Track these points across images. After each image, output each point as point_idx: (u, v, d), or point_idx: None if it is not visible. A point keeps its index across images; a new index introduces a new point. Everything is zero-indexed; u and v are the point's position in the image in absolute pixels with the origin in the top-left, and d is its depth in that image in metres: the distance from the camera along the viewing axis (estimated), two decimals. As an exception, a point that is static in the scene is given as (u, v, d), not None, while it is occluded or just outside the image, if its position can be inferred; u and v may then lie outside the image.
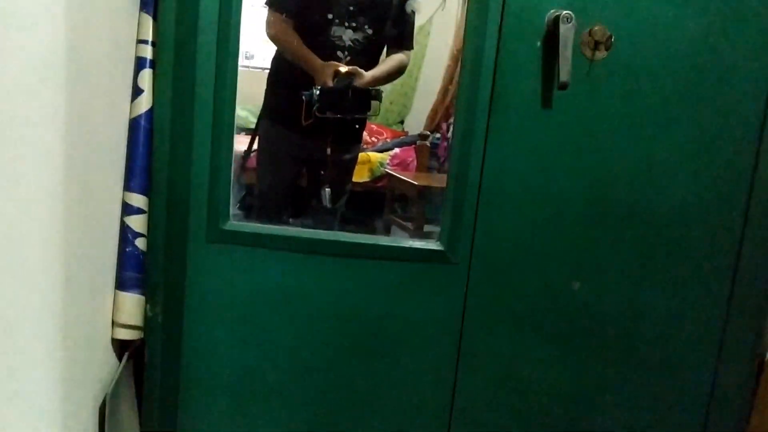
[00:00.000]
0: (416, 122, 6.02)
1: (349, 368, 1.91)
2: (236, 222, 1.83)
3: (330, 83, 2.48)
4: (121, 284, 1.67)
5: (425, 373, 1.92)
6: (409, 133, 5.78)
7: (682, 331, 1.95)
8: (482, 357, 1.92)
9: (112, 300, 1.68)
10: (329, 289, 1.87)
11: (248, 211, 2.83)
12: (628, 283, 1.91)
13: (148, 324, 1.78)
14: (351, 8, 2.57)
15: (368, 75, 2.59)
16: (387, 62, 2.75)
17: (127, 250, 1.67)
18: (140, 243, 1.69)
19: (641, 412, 1.99)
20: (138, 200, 1.68)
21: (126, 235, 1.67)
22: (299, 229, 1.85)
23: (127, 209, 1.67)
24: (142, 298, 1.72)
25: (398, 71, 2.73)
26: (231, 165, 1.80)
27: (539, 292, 1.90)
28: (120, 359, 1.74)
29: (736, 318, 1.94)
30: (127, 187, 1.67)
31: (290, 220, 2.22)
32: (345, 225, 2.91)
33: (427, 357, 1.92)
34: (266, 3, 2.59)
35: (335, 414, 1.93)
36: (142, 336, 1.76)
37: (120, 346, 1.75)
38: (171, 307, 1.81)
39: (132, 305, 1.69)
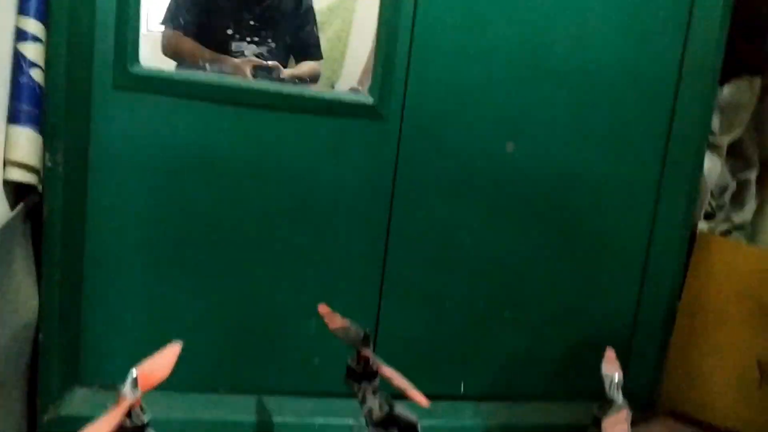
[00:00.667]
0: (347, 88, 5.91)
1: (271, 233, 1.77)
2: (147, 66, 1.67)
3: (250, 77, 2.31)
4: (14, 117, 1.49)
5: (355, 238, 1.81)
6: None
7: (616, 197, 1.91)
8: (414, 221, 1.83)
9: (4, 136, 1.49)
10: (250, 146, 1.73)
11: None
12: (562, 145, 1.86)
13: (47, 176, 1.59)
14: (251, 23, 2.45)
15: (287, 71, 2.48)
16: (300, 67, 2.64)
17: (21, 80, 1.49)
18: (36, 74, 1.51)
19: (576, 281, 1.94)
20: (34, 27, 1.50)
21: (20, 63, 1.49)
22: (217, 75, 1.71)
23: (21, 35, 1.49)
24: (39, 137, 1.54)
25: (312, 77, 2.62)
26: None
27: (473, 153, 1.82)
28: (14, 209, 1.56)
29: (670, 182, 1.91)
30: (22, 10, 1.49)
31: (207, 66, 2.07)
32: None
33: (357, 221, 1.81)
34: (162, 21, 2.45)
35: (257, 284, 1.79)
36: (39, 186, 1.57)
37: (15, 194, 1.56)
38: (73, 158, 1.63)
39: (27, 142, 1.51)
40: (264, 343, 1.83)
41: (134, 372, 1.03)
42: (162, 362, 1.13)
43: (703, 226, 2.05)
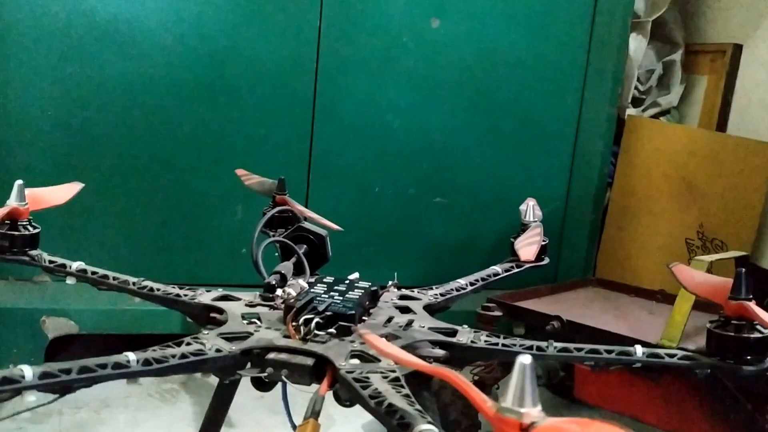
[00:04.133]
0: None
1: (190, 112, 1.70)
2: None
3: None
4: None
5: (279, 116, 1.76)
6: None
7: (544, 77, 1.90)
8: (340, 99, 1.78)
9: None
10: (165, 18, 1.65)
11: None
12: (488, 23, 1.83)
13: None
14: None
15: None
16: None
17: None
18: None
19: (507, 165, 1.92)
20: None
21: None
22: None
23: None
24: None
25: None
26: None
27: (397, 29, 1.78)
28: None
29: (596, 62, 1.91)
30: None
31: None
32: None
33: (281, 98, 1.75)
34: None
35: (176, 167, 1.72)
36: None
37: None
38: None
39: None
40: (186, 231, 1.77)
41: (20, 181, 0.96)
42: (58, 191, 1.07)
43: (631, 112, 2.05)
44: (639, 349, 0.80)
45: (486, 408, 0.45)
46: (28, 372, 0.61)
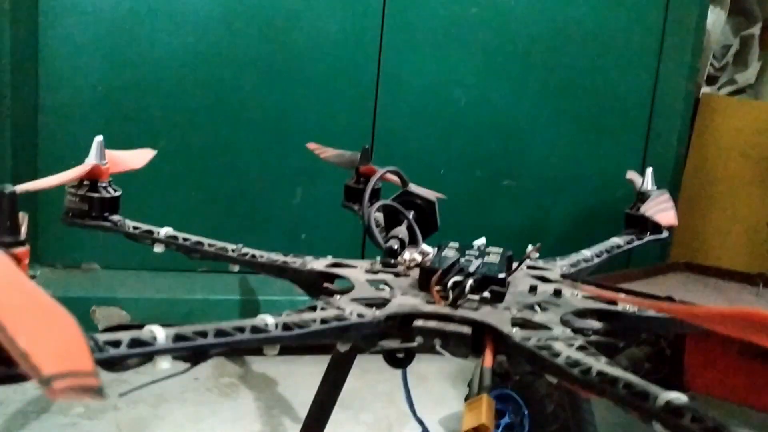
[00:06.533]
0: None
1: (247, 85, 1.60)
2: None
3: None
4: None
5: (340, 94, 1.65)
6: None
7: (618, 52, 1.79)
8: (405, 74, 1.67)
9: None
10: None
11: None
12: (560, -5, 1.72)
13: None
14: None
15: None
16: None
17: None
18: None
19: (577, 145, 1.81)
20: None
21: None
22: None
23: None
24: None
25: None
26: None
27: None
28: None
29: (673, 35, 1.79)
30: None
31: None
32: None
33: (342, 74, 1.64)
34: None
35: (233, 143, 1.62)
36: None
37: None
38: (20, 18, 1.43)
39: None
40: (243, 215, 1.66)
41: (99, 137, 0.85)
42: (135, 155, 0.96)
43: (705, 90, 1.93)
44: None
45: None
46: (160, 334, 0.50)
